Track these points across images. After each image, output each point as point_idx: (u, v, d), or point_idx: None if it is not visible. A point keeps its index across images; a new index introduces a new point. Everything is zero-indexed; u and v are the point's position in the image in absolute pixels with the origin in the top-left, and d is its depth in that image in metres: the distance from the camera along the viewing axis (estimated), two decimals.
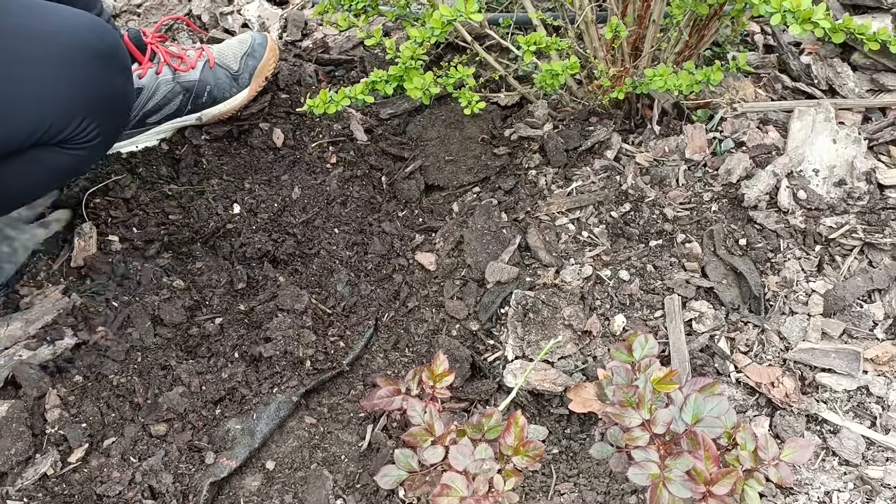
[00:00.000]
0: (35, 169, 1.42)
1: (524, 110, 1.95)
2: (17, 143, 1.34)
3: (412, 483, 1.32)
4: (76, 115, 1.36)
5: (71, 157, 1.43)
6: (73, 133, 1.38)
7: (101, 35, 1.40)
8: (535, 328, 1.55)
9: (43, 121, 1.33)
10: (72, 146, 1.41)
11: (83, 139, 1.40)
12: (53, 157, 1.41)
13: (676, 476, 1.14)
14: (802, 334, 1.49)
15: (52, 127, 1.35)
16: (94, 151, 1.45)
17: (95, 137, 1.42)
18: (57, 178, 1.52)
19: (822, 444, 1.38)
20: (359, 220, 1.80)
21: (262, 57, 1.92)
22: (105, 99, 1.41)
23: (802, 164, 1.71)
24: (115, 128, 1.49)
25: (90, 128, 1.39)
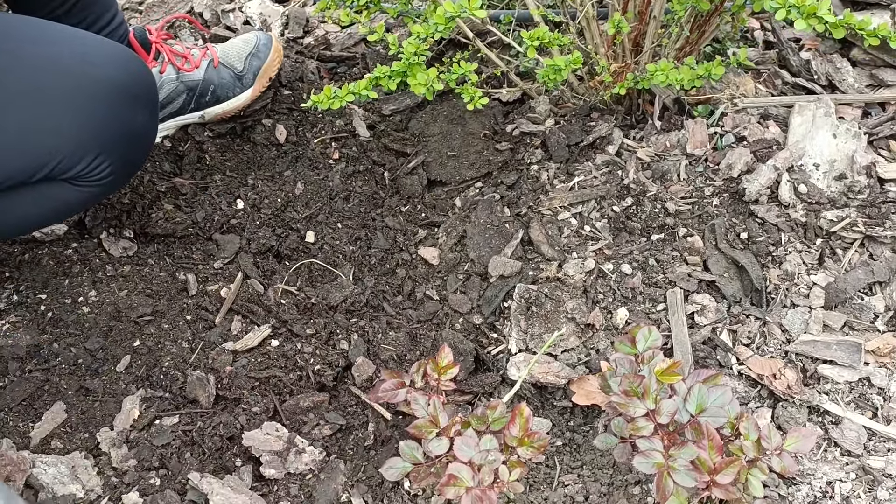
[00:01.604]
0: (43, 202, 1.38)
1: (525, 106, 1.96)
2: (24, 175, 1.30)
3: (417, 474, 1.33)
4: (89, 152, 1.31)
5: (81, 194, 1.38)
6: (84, 170, 1.33)
7: (130, 70, 1.35)
8: (539, 321, 1.56)
9: (53, 156, 1.29)
10: (83, 183, 1.36)
11: (95, 177, 1.35)
12: (63, 192, 1.37)
13: (681, 465, 1.15)
14: (804, 327, 1.50)
15: (62, 163, 1.30)
16: (106, 188, 1.40)
17: (108, 175, 1.36)
18: (66, 212, 1.47)
19: (824, 435, 1.39)
20: (362, 215, 1.81)
21: (266, 57, 1.92)
22: (124, 137, 1.36)
23: (803, 158, 1.72)
24: (131, 165, 1.43)
25: (103, 165, 1.34)
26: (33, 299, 1.62)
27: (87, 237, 1.72)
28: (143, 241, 1.73)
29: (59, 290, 1.63)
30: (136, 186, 1.76)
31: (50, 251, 1.69)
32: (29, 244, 1.70)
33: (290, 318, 1.62)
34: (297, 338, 1.58)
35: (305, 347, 1.56)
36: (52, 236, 1.71)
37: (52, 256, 1.68)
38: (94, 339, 1.55)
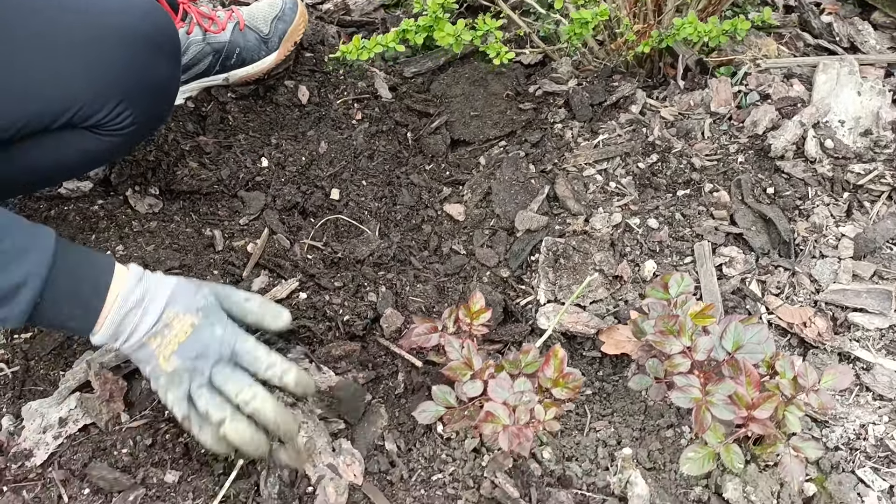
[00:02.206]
0: (66, 151, 1.38)
1: (547, 68, 1.96)
2: (45, 121, 1.29)
3: (451, 418, 1.33)
4: (111, 99, 1.30)
5: (103, 143, 1.37)
6: (105, 118, 1.32)
7: (153, 20, 1.35)
8: (567, 273, 1.56)
9: (74, 101, 1.28)
10: (105, 132, 1.35)
11: (116, 126, 1.34)
12: (84, 141, 1.36)
13: (719, 400, 1.15)
14: (833, 276, 1.50)
15: (82, 109, 1.29)
16: (129, 139, 1.39)
17: (130, 125, 1.35)
18: (89, 162, 1.47)
19: (856, 381, 1.39)
20: (386, 173, 1.81)
21: (292, 21, 1.92)
22: (146, 86, 1.35)
23: (828, 115, 1.72)
24: (154, 117, 1.42)
25: (125, 114, 1.33)
26: None
27: (113, 194, 1.72)
28: (169, 198, 1.73)
29: (86, 244, 1.63)
30: (161, 145, 1.76)
31: (76, 207, 1.69)
32: (55, 200, 1.70)
33: (316, 273, 1.62)
34: (325, 290, 1.58)
35: (334, 299, 1.56)
36: (78, 193, 1.71)
37: (79, 212, 1.68)
38: None
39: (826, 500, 1.26)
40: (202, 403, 1.15)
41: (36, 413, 1.37)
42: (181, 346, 1.15)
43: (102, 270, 1.15)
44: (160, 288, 1.17)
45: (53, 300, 1.09)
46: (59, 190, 1.70)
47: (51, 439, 1.34)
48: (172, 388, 1.16)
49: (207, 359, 1.16)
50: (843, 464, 1.29)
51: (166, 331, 1.15)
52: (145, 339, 1.15)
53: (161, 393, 1.18)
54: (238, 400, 1.16)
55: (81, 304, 1.13)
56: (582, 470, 1.33)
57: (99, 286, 1.14)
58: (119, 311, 1.14)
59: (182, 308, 1.17)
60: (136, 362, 1.20)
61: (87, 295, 1.13)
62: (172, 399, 1.17)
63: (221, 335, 1.18)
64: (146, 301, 1.15)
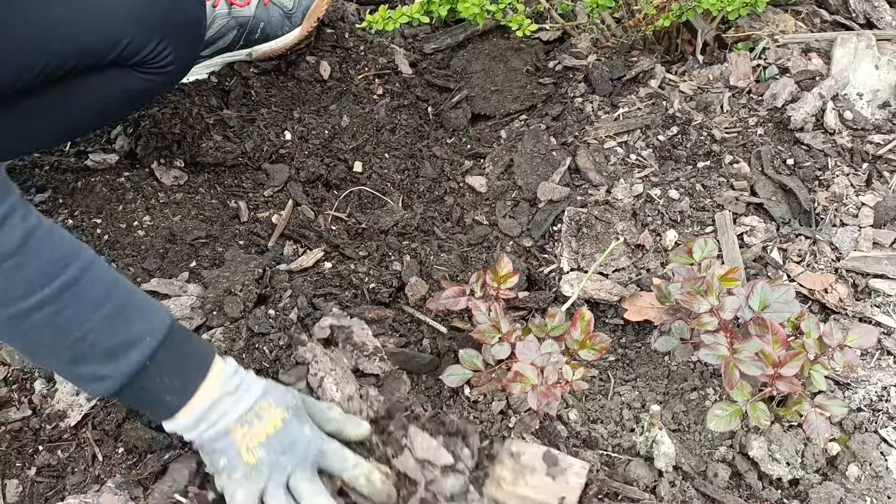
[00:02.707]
0: (111, 89, 1.43)
1: (566, 44, 1.98)
2: (96, 55, 1.35)
3: (478, 380, 1.35)
4: (154, 35, 1.36)
5: (145, 82, 1.43)
6: (149, 55, 1.38)
7: None
8: (589, 242, 1.58)
9: (123, 35, 1.34)
10: (146, 70, 1.41)
11: (158, 63, 1.40)
12: (129, 79, 1.42)
13: (746, 357, 1.17)
14: (854, 244, 1.52)
15: (130, 45, 1.35)
16: (166, 78, 1.45)
17: (170, 63, 1.41)
18: (131, 103, 1.52)
19: (878, 345, 1.41)
20: (408, 146, 1.82)
21: None
22: (183, 24, 1.42)
23: (847, 87, 1.74)
24: (189, 56, 1.49)
25: (166, 51, 1.39)
26: (88, 223, 1.64)
27: (139, 167, 1.74)
28: (194, 171, 1.75)
29: (113, 215, 1.65)
30: (185, 118, 1.78)
31: (102, 179, 1.71)
32: (81, 173, 1.72)
33: (341, 243, 1.64)
34: (350, 260, 1.60)
35: (359, 268, 1.58)
36: (104, 165, 1.73)
37: (105, 184, 1.70)
38: (151, 259, 1.58)
39: (849, 459, 1.28)
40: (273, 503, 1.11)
41: None
42: (269, 439, 1.11)
43: (207, 351, 1.15)
44: (254, 381, 1.15)
45: (160, 367, 1.08)
46: (85, 162, 1.72)
47: (84, 401, 1.36)
48: (248, 483, 1.11)
49: (293, 456, 1.12)
50: (867, 424, 1.31)
51: (256, 421, 1.11)
52: (232, 426, 1.10)
53: (231, 488, 1.12)
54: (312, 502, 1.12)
55: (183, 378, 1.10)
56: (607, 431, 1.35)
57: (202, 364, 1.13)
58: (217, 391, 1.11)
59: (275, 401, 1.14)
60: (209, 454, 1.14)
61: (191, 369, 1.12)
62: (243, 497, 1.11)
63: (310, 435, 1.14)
64: (241, 390, 1.13)
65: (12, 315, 1.02)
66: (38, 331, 1.04)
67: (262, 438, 1.10)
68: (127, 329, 1.07)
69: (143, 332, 1.08)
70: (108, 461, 1.29)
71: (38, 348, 1.07)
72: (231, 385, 1.12)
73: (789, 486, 1.27)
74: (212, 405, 1.11)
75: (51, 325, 1.03)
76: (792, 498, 1.26)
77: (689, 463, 1.29)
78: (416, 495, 1.18)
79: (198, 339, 1.18)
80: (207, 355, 1.14)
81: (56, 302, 1.03)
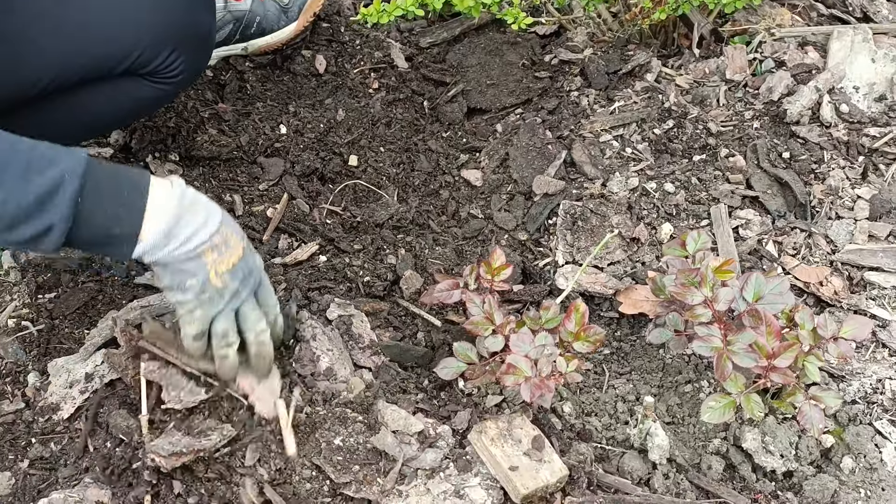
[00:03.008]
0: (121, 98, 1.44)
1: (562, 38, 1.98)
2: (109, 65, 1.35)
3: (472, 373, 1.35)
4: (167, 46, 1.37)
5: (155, 91, 1.43)
6: (161, 65, 1.38)
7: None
8: (584, 235, 1.57)
9: (136, 46, 1.34)
10: (158, 79, 1.41)
11: (169, 73, 1.40)
12: (140, 88, 1.42)
13: (740, 348, 1.17)
14: (849, 237, 1.52)
15: (142, 55, 1.35)
16: (175, 87, 1.46)
17: (180, 73, 1.42)
18: (138, 110, 1.54)
19: (873, 338, 1.40)
20: (403, 140, 1.82)
21: None
22: (195, 35, 1.42)
23: (843, 81, 1.73)
24: (199, 65, 1.49)
25: (178, 62, 1.39)
26: None
27: (134, 160, 1.74)
28: (189, 164, 1.75)
29: None
30: (180, 112, 1.78)
31: None
32: None
33: (336, 236, 1.64)
34: (345, 253, 1.60)
35: (354, 262, 1.58)
36: (100, 158, 1.72)
37: None
38: None
39: (844, 451, 1.28)
40: (223, 325, 1.17)
41: (62, 369, 1.39)
42: (235, 268, 1.14)
43: (139, 174, 1.11)
44: (209, 203, 1.15)
45: (95, 200, 1.05)
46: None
47: (77, 394, 1.35)
48: (209, 306, 1.15)
49: (248, 285, 1.17)
50: (861, 416, 1.31)
51: (223, 248, 1.13)
52: (203, 248, 1.11)
53: (191, 306, 1.15)
54: (255, 329, 1.19)
55: (124, 203, 1.07)
56: (602, 424, 1.35)
57: (140, 185, 1.09)
58: (173, 210, 1.09)
59: (233, 230, 1.15)
60: (175, 273, 1.14)
61: (129, 194, 1.08)
62: (200, 316, 1.16)
63: (259, 265, 1.20)
64: (201, 208, 1.12)
65: None
66: None
67: (230, 266, 1.13)
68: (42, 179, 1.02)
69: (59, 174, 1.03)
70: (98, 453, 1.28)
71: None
72: (186, 200, 1.11)
73: (783, 478, 1.27)
74: (176, 222, 1.09)
75: None
76: (786, 490, 1.25)
77: (683, 455, 1.29)
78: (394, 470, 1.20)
79: (126, 169, 1.14)
80: (142, 177, 1.11)
81: None
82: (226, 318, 1.17)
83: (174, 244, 1.10)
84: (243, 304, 1.18)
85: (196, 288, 1.13)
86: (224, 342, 1.19)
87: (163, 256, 1.11)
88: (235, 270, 1.14)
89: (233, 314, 1.18)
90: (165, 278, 1.15)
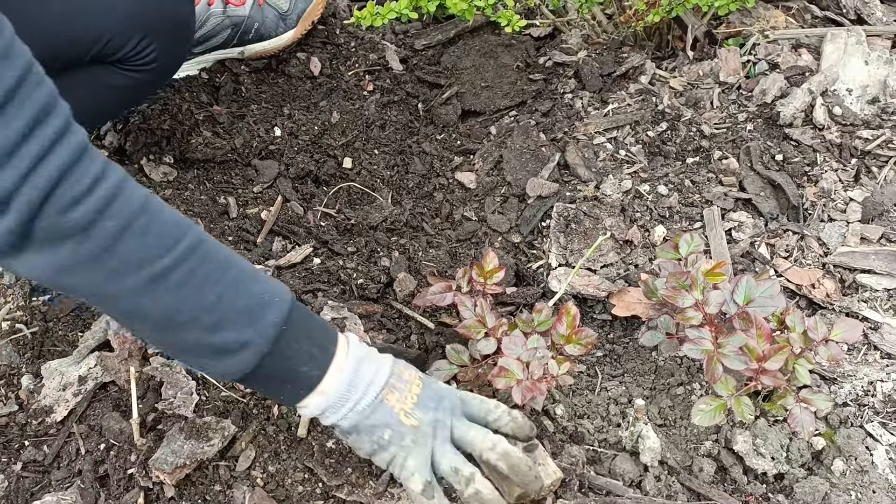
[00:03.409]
0: (96, 88, 1.43)
1: (557, 40, 1.98)
2: (77, 52, 1.35)
3: (465, 376, 1.35)
4: (136, 33, 1.37)
5: (127, 79, 1.43)
6: (131, 52, 1.38)
7: None
8: (578, 237, 1.58)
9: (103, 32, 1.34)
10: (129, 67, 1.41)
11: (140, 61, 1.40)
12: (112, 77, 1.42)
13: (730, 351, 1.17)
14: (841, 239, 1.52)
15: (111, 41, 1.35)
16: (152, 76, 1.45)
17: (153, 61, 1.42)
18: (121, 99, 1.53)
19: (864, 340, 1.41)
20: (398, 142, 1.83)
21: (311, 0, 1.93)
22: (167, 22, 1.42)
23: (836, 83, 1.74)
24: (174, 54, 1.49)
25: (149, 49, 1.39)
26: None
27: (128, 162, 1.74)
28: (183, 167, 1.75)
29: None
30: (175, 114, 1.78)
31: None
32: None
33: (330, 239, 1.64)
34: (339, 256, 1.61)
35: (347, 264, 1.58)
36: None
37: None
38: None
39: (835, 453, 1.28)
40: (448, 461, 1.06)
41: (55, 372, 1.39)
42: (420, 399, 1.07)
43: (326, 322, 1.13)
44: (375, 350, 1.12)
45: (294, 332, 1.01)
46: None
47: (70, 396, 1.36)
48: (418, 449, 1.05)
49: (446, 410, 1.08)
50: (852, 419, 1.31)
51: (401, 384, 1.07)
52: (384, 393, 1.05)
53: (400, 459, 1.07)
54: (485, 447, 1.08)
55: (317, 343, 1.04)
56: (594, 426, 1.35)
57: (330, 329, 1.08)
58: (353, 358, 1.06)
59: (405, 365, 1.11)
60: (367, 432, 1.06)
61: (321, 335, 1.06)
62: (414, 465, 1.06)
63: (448, 388, 1.13)
64: (374, 355, 1.09)
65: (155, 276, 0.94)
66: (179, 290, 0.96)
67: (415, 399, 1.06)
68: (257, 290, 1.00)
69: (271, 293, 1.01)
70: (90, 456, 1.29)
71: (181, 311, 0.97)
72: (362, 350, 1.08)
73: (774, 481, 1.27)
74: (355, 371, 1.04)
75: (189, 284, 0.96)
76: (777, 492, 1.26)
77: (674, 457, 1.29)
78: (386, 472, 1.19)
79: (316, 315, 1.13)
80: (330, 326, 1.10)
81: (188, 259, 0.96)
82: (444, 453, 1.07)
83: (355, 395, 1.04)
84: (454, 429, 1.09)
85: (394, 438, 1.06)
86: (461, 479, 1.06)
87: (350, 415, 1.05)
88: (423, 401, 1.07)
89: (450, 446, 1.08)
90: (364, 445, 1.08)
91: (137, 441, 1.26)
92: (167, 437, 1.24)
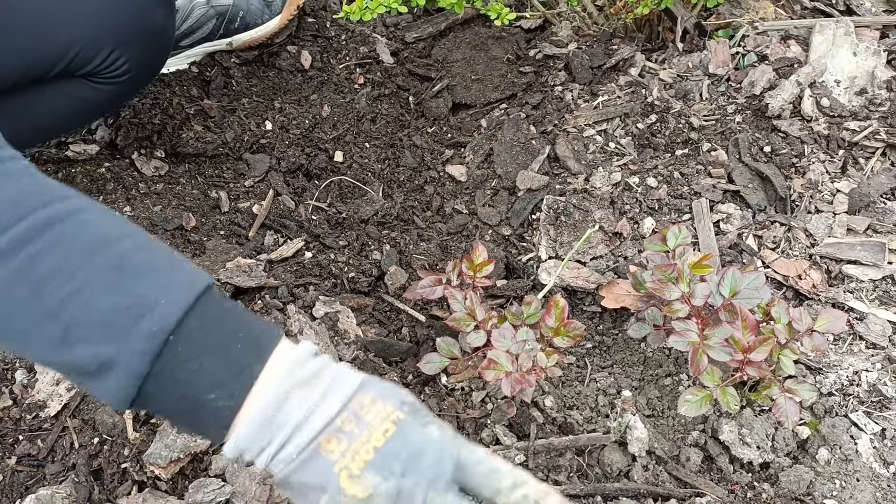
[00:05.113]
0: (64, 100, 1.40)
1: (547, 32, 1.98)
2: (43, 65, 1.31)
3: (455, 368, 1.36)
4: (106, 45, 1.32)
5: (99, 92, 1.39)
6: (101, 65, 1.33)
7: None
8: (567, 230, 1.59)
9: (70, 46, 1.30)
10: (101, 80, 1.36)
11: (112, 73, 1.36)
12: (82, 90, 1.38)
13: (715, 343, 1.18)
14: (828, 231, 1.53)
15: (79, 55, 1.31)
16: (124, 87, 1.40)
17: (125, 73, 1.37)
18: (86, 112, 1.48)
19: (850, 331, 1.42)
20: (389, 135, 1.83)
21: None
22: (140, 32, 1.36)
23: (824, 74, 1.75)
24: (149, 64, 1.43)
25: (120, 61, 1.34)
26: None
27: (119, 157, 1.74)
28: (175, 161, 1.76)
29: None
30: (166, 108, 1.78)
31: (83, 169, 1.71)
32: (62, 163, 1.72)
33: (321, 232, 1.65)
34: (330, 249, 1.61)
35: (339, 258, 1.59)
36: (85, 156, 1.73)
37: (86, 174, 1.70)
38: None
39: (820, 442, 1.30)
40: None
41: None
42: (379, 454, 0.71)
43: (266, 329, 0.78)
44: (345, 370, 0.77)
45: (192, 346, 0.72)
46: (66, 153, 1.73)
47: (64, 391, 1.37)
48: None
49: (421, 475, 0.71)
50: (837, 408, 1.33)
51: (355, 428, 0.72)
52: (321, 439, 0.72)
53: None
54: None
55: (230, 359, 0.73)
56: (583, 417, 1.37)
57: (260, 343, 0.75)
58: (284, 383, 0.73)
59: (379, 394, 0.75)
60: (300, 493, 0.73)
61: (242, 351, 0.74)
62: None
63: (439, 438, 0.74)
64: (322, 380, 0.74)
65: None
66: (11, 285, 0.70)
67: (370, 455, 0.71)
68: (142, 287, 0.72)
69: (158, 291, 0.72)
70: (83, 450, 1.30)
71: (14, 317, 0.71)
72: (305, 372, 0.74)
73: (760, 470, 1.29)
74: (281, 402, 0.72)
75: (26, 278, 0.70)
76: (762, 481, 1.27)
77: (662, 447, 1.31)
78: None
79: (252, 315, 0.79)
80: (265, 334, 0.76)
81: (33, 241, 0.71)
82: None
83: (278, 438, 0.72)
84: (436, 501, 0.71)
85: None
86: None
87: (270, 464, 0.73)
88: (383, 458, 0.71)
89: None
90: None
91: (131, 435, 1.27)
92: (160, 432, 1.25)
